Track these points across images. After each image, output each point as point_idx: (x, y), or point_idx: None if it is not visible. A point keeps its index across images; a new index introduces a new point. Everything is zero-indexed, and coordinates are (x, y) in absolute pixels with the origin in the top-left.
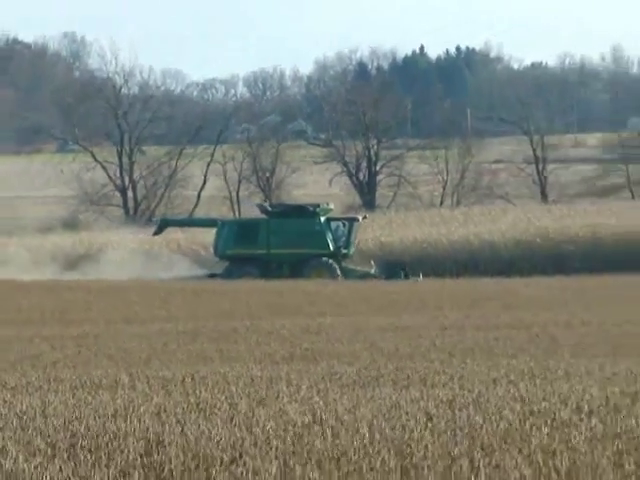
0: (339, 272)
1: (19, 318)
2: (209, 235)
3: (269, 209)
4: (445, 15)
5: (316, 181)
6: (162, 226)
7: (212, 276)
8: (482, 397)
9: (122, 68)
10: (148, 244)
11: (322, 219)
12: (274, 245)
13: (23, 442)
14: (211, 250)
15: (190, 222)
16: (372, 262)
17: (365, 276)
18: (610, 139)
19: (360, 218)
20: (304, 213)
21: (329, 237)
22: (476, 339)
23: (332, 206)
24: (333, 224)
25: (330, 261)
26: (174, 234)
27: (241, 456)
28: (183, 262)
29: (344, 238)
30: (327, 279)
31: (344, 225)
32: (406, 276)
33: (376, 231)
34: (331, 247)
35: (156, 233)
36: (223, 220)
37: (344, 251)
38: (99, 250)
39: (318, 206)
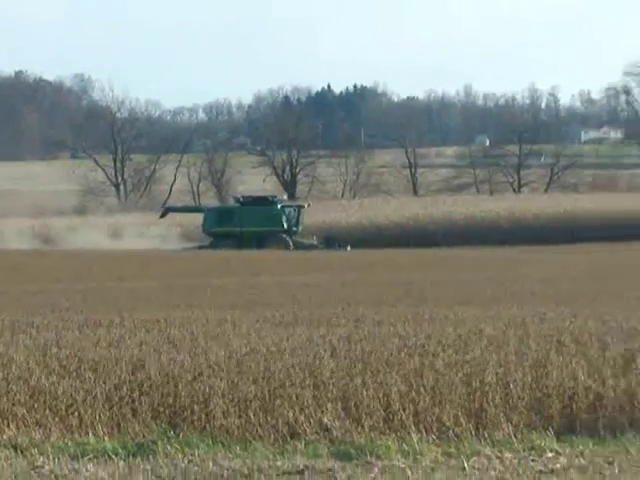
0: (291, 244)
1: (49, 277)
2: (198, 218)
3: (241, 199)
4: (345, 60)
5: (253, 180)
6: (165, 212)
7: (201, 247)
8: (371, 334)
9: (116, 99)
10: (155, 224)
11: (279, 206)
12: (245, 225)
13: (43, 365)
14: (200, 228)
15: (185, 209)
16: (314, 237)
17: (310, 247)
18: (462, 151)
19: (306, 205)
20: (266, 202)
21: (284, 219)
22: (367, 292)
23: (285, 197)
24: (287, 209)
25: (285, 236)
26: (173, 218)
27: (200, 375)
28: (179, 237)
29: (294, 220)
30: (282, 249)
31: (294, 210)
32: (339, 246)
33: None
34: (285, 226)
35: (161, 216)
36: (209, 207)
37: (294, 229)
38: (122, 227)
39: (276, 197)
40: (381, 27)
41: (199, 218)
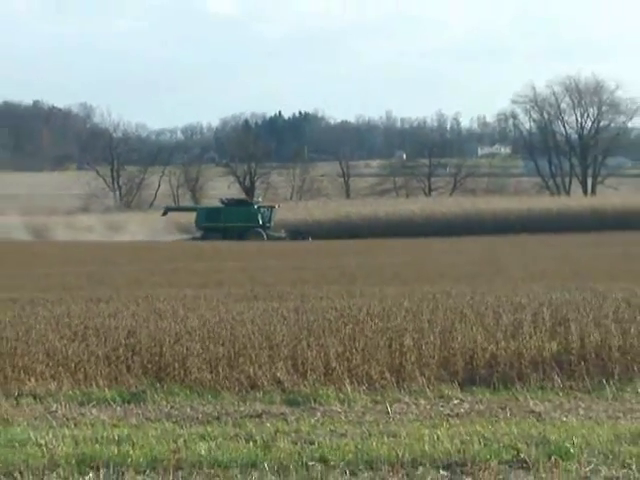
0: (265, 236)
1: (59, 262)
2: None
3: (225, 201)
4: (293, 90)
5: (220, 187)
6: (166, 211)
7: (194, 239)
8: (314, 307)
9: (113, 122)
10: (157, 220)
11: (255, 206)
12: (228, 221)
13: (57, 331)
14: (193, 224)
15: (182, 208)
16: (282, 230)
17: (279, 238)
18: (384, 163)
19: (277, 206)
20: (245, 203)
21: (259, 217)
22: (311, 274)
23: (260, 199)
24: (262, 209)
25: (260, 230)
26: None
27: (180, 339)
28: (177, 231)
29: (268, 217)
30: (258, 240)
31: (268, 210)
32: (303, 238)
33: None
34: (260, 222)
35: (163, 214)
36: (200, 207)
37: (268, 224)
38: (126, 223)
39: (252, 200)
40: (321, 64)
41: (191, 215)
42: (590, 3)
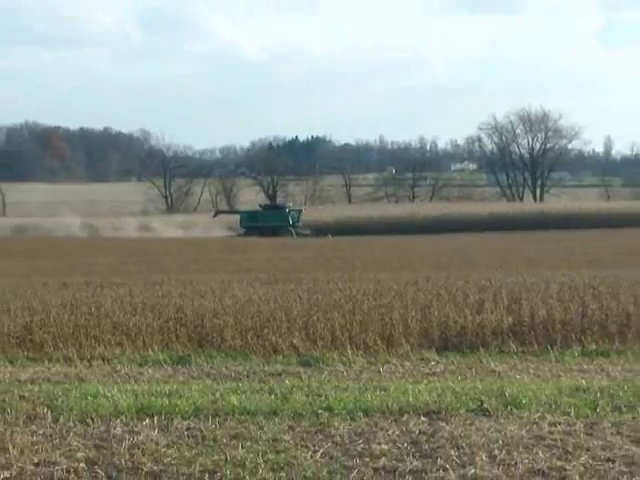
0: (294, 233)
1: (124, 253)
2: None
3: (262, 205)
4: (307, 119)
5: (249, 195)
6: (217, 213)
7: (238, 235)
8: (322, 289)
9: (166, 144)
10: (206, 220)
11: (286, 209)
12: (265, 221)
13: (121, 308)
14: (238, 223)
15: (229, 211)
16: (308, 229)
17: (305, 235)
18: (378, 177)
19: (304, 209)
20: (278, 207)
21: (289, 217)
22: (320, 263)
23: (291, 204)
24: (291, 212)
25: (290, 228)
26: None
27: (217, 314)
28: (225, 227)
29: (296, 218)
30: (288, 237)
31: (296, 212)
32: (325, 235)
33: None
34: (290, 222)
35: (214, 216)
36: (244, 210)
37: (297, 224)
38: (179, 222)
39: (284, 205)
40: (329, 99)
41: (236, 217)
42: (539, 50)
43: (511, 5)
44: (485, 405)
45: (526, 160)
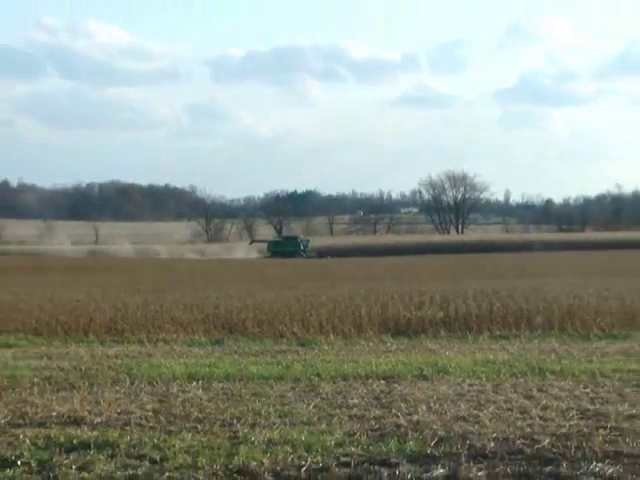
0: (304, 256)
1: (185, 270)
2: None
3: (282, 237)
4: (303, 176)
5: (264, 231)
6: (252, 242)
7: (265, 257)
8: (314, 294)
9: (206, 194)
10: (247, 247)
11: (298, 239)
12: (284, 247)
13: (176, 306)
14: (266, 249)
15: (260, 240)
16: (314, 252)
17: (312, 257)
18: (351, 217)
19: (310, 239)
20: (293, 238)
21: (301, 245)
22: (313, 275)
23: (302, 236)
24: (302, 241)
25: (301, 252)
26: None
27: (241, 311)
28: (257, 251)
29: (305, 245)
30: (300, 258)
31: (305, 241)
32: (324, 257)
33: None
34: (302, 248)
35: (250, 244)
36: (270, 239)
37: (306, 249)
38: (230, 247)
39: (298, 236)
40: (318, 165)
41: (265, 245)
42: (462, 130)
43: (442, 101)
44: (424, 372)
45: (452, 206)
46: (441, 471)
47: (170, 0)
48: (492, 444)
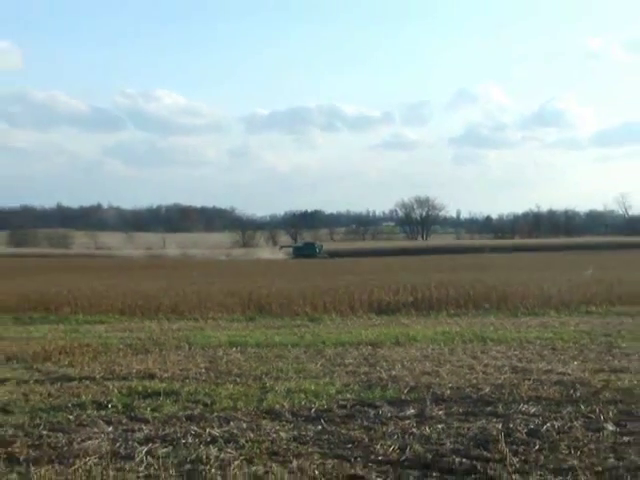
0: (319, 257)
1: (220, 270)
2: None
3: (303, 242)
4: (309, 200)
5: (284, 239)
6: (281, 247)
7: (291, 258)
8: (319, 285)
9: (244, 213)
10: (277, 251)
11: (315, 244)
12: (305, 251)
13: (222, 293)
14: (292, 252)
15: (287, 245)
16: (326, 254)
17: (325, 257)
18: (347, 229)
19: (323, 245)
20: (311, 244)
21: (317, 249)
22: (321, 271)
23: (319, 242)
24: (317, 246)
25: (317, 254)
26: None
27: (268, 296)
28: (283, 253)
29: (320, 248)
30: (316, 259)
31: (320, 245)
32: (333, 257)
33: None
34: (317, 251)
35: (280, 249)
36: (294, 245)
37: (321, 252)
38: (254, 251)
39: (315, 242)
40: (321, 191)
41: (290, 249)
42: (429, 167)
43: (410, 145)
44: (399, 340)
45: (418, 220)
46: (412, 411)
47: (213, 74)
48: (448, 392)
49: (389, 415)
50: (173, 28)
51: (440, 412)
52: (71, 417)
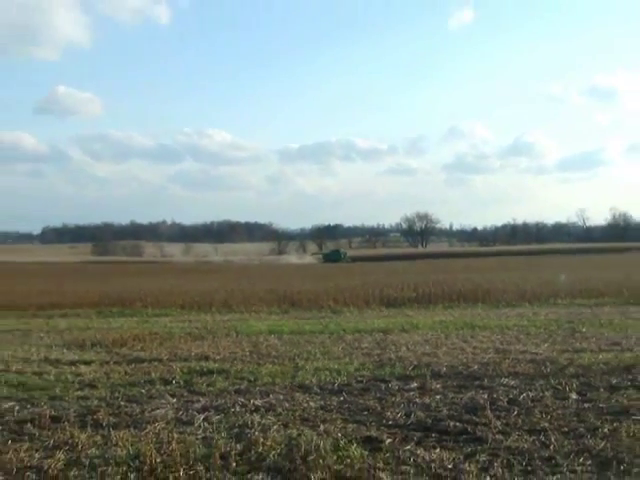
0: (345, 261)
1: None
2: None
3: (330, 251)
4: (331, 215)
5: (313, 248)
6: (313, 254)
7: (321, 263)
8: (339, 283)
9: (278, 226)
10: (310, 257)
11: (340, 251)
12: (332, 256)
13: (253, 292)
14: (322, 258)
15: (318, 253)
16: (349, 258)
17: (349, 262)
18: (361, 239)
19: (348, 252)
20: (338, 250)
21: (342, 255)
22: (343, 272)
23: (343, 249)
24: (343, 252)
25: (342, 258)
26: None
27: (299, 292)
28: (315, 260)
29: (344, 254)
30: (341, 263)
31: (345, 252)
32: (354, 261)
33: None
34: (342, 256)
35: (311, 255)
36: (324, 252)
37: (346, 257)
38: (282, 258)
39: (340, 249)
40: (341, 207)
41: (320, 255)
42: (429, 189)
43: (411, 172)
44: (405, 328)
45: (419, 232)
46: (415, 385)
47: (254, 116)
48: (444, 369)
49: (397, 388)
50: (222, 85)
51: (438, 385)
52: (143, 391)
